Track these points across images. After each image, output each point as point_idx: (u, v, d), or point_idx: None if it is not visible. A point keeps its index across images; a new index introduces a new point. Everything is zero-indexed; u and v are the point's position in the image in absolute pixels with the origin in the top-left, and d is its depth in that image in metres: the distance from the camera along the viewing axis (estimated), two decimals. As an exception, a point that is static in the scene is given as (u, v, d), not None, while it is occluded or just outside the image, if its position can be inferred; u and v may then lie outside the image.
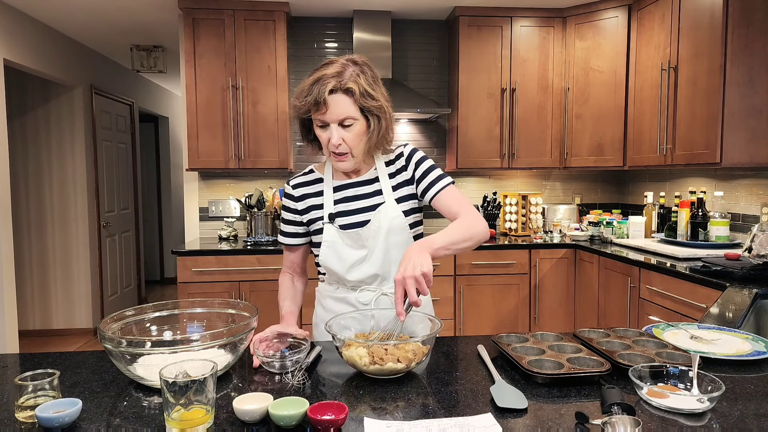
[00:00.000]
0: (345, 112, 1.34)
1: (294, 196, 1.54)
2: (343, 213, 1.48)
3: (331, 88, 1.32)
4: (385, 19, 3.77)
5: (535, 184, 4.26)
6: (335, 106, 1.33)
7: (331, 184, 1.51)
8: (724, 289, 2.08)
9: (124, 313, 1.26)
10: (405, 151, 1.51)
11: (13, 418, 0.97)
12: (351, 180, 1.50)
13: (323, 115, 1.34)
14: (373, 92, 1.36)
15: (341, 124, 1.35)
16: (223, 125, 3.56)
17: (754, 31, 2.67)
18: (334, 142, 1.36)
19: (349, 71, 1.34)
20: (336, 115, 1.34)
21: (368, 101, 1.35)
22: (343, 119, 1.35)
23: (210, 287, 3.30)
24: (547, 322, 3.58)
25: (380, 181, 1.49)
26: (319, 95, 1.32)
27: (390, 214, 1.45)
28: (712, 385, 0.99)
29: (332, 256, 1.47)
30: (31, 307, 4.81)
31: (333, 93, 1.32)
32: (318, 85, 1.33)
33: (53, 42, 4.20)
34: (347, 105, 1.34)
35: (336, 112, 1.33)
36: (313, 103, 1.33)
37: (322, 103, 1.32)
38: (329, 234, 1.47)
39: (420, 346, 1.17)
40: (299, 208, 1.53)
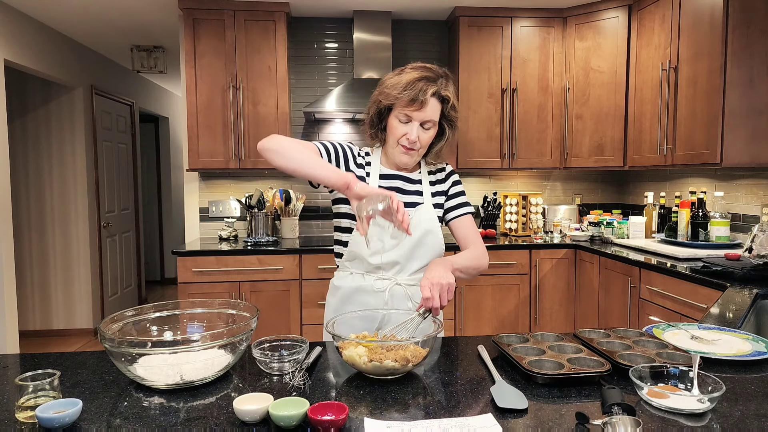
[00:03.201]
0: (432, 115, 1.46)
1: (356, 158, 1.58)
2: None
3: (434, 91, 1.44)
4: (385, 19, 3.77)
5: (536, 185, 4.26)
6: (429, 108, 1.45)
7: (378, 170, 1.58)
8: (724, 289, 2.08)
9: (125, 314, 1.26)
10: (447, 168, 1.67)
11: (13, 418, 0.97)
12: (398, 173, 1.59)
13: (416, 111, 1.44)
14: (457, 105, 1.53)
15: (422, 124, 1.47)
16: (224, 125, 3.56)
17: (755, 31, 2.67)
18: (412, 138, 1.46)
19: (444, 80, 1.47)
20: (426, 116, 1.45)
21: (453, 113, 1.51)
22: (427, 121, 1.46)
23: (210, 287, 3.30)
24: (548, 322, 3.58)
25: (423, 184, 1.60)
26: (422, 94, 1.42)
27: (428, 214, 1.55)
28: (712, 385, 0.99)
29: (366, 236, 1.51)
30: (32, 308, 4.81)
31: (432, 96, 1.44)
32: (422, 84, 1.42)
33: (53, 42, 4.20)
34: (437, 110, 1.47)
35: (427, 114, 1.45)
36: (411, 99, 1.42)
37: (419, 102, 1.42)
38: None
39: (419, 347, 1.17)
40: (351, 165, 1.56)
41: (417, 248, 1.53)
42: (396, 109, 1.47)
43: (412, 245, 1.52)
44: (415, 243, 1.53)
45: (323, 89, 3.99)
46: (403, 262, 1.54)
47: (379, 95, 1.50)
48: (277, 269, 3.34)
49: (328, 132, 4.02)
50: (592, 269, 3.35)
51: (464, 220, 1.62)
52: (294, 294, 3.36)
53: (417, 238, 1.53)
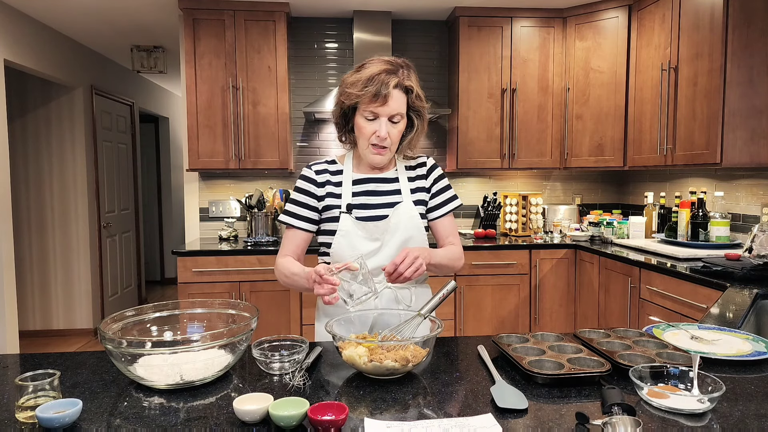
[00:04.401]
0: (398, 108, 1.42)
1: (316, 181, 1.54)
2: (361, 206, 1.51)
3: (396, 83, 1.39)
4: (385, 19, 3.77)
5: (536, 185, 4.26)
6: (393, 102, 1.40)
7: (350, 176, 1.54)
8: (724, 289, 2.08)
9: (125, 314, 1.26)
10: (428, 162, 1.61)
11: (13, 418, 0.97)
12: (372, 175, 1.55)
13: (380, 107, 1.40)
14: (422, 94, 1.46)
15: (390, 119, 1.42)
16: (224, 126, 3.56)
17: (755, 31, 2.67)
18: (382, 135, 1.41)
19: (404, 71, 1.43)
20: (391, 110, 1.41)
21: (418, 102, 1.45)
22: (394, 115, 1.42)
23: (210, 287, 3.30)
24: (548, 322, 3.58)
25: (400, 181, 1.55)
26: (384, 88, 1.38)
27: (409, 213, 1.51)
28: (712, 385, 0.99)
29: (345, 245, 1.48)
30: (32, 308, 4.81)
31: (395, 88, 1.40)
32: (383, 77, 1.39)
33: (54, 42, 4.20)
34: (402, 102, 1.42)
35: (393, 107, 1.40)
36: (373, 94, 1.38)
37: (382, 96, 1.38)
38: (345, 224, 1.48)
39: (419, 347, 1.17)
40: (318, 194, 1.53)
41: (401, 248, 1.48)
42: (360, 107, 1.43)
43: (398, 247, 1.49)
44: (400, 244, 1.49)
45: (323, 89, 3.99)
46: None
47: (340, 96, 1.46)
48: (277, 269, 3.33)
49: (328, 132, 4.02)
50: (592, 269, 3.35)
51: (447, 218, 1.60)
52: (294, 294, 3.36)
53: (401, 239, 1.49)
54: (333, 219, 1.52)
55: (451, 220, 1.61)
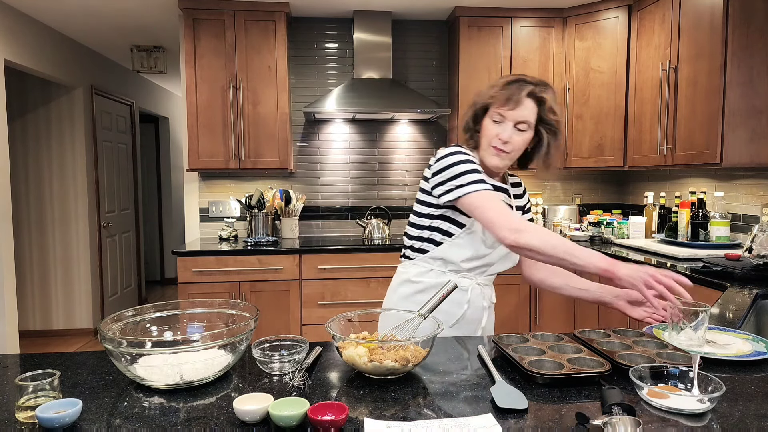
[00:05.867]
0: (527, 116, 1.45)
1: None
2: None
3: (530, 92, 1.45)
4: (385, 19, 3.77)
5: (536, 185, 4.25)
6: (523, 108, 1.45)
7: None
8: (724, 289, 2.08)
9: (125, 314, 1.26)
10: (523, 183, 1.72)
11: (13, 418, 0.97)
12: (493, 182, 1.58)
13: (510, 110, 1.44)
14: (557, 110, 1.50)
15: (516, 125, 1.46)
16: (224, 126, 3.56)
17: (755, 31, 2.67)
18: (504, 137, 1.45)
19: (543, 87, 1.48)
20: (519, 116, 1.45)
21: (551, 116, 1.48)
22: (521, 122, 1.46)
23: (210, 287, 3.30)
24: (548, 322, 3.58)
25: (510, 195, 1.63)
26: (517, 93, 1.44)
27: None
28: (712, 385, 0.99)
29: (464, 244, 1.52)
30: (32, 308, 4.81)
31: (528, 96, 1.45)
32: (519, 84, 1.45)
33: (53, 42, 4.21)
34: (532, 111, 1.46)
35: (521, 114, 1.45)
36: (506, 97, 1.44)
37: (514, 100, 1.44)
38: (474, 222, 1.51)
39: (419, 347, 1.17)
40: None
41: (508, 255, 1.59)
42: (491, 110, 1.49)
43: (501, 256, 1.58)
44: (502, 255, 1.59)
45: (323, 89, 3.99)
46: (494, 264, 1.59)
47: (475, 97, 1.54)
48: (277, 269, 3.34)
49: (328, 132, 4.02)
50: (592, 269, 3.34)
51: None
52: (294, 294, 3.36)
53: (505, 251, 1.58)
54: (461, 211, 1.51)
55: None
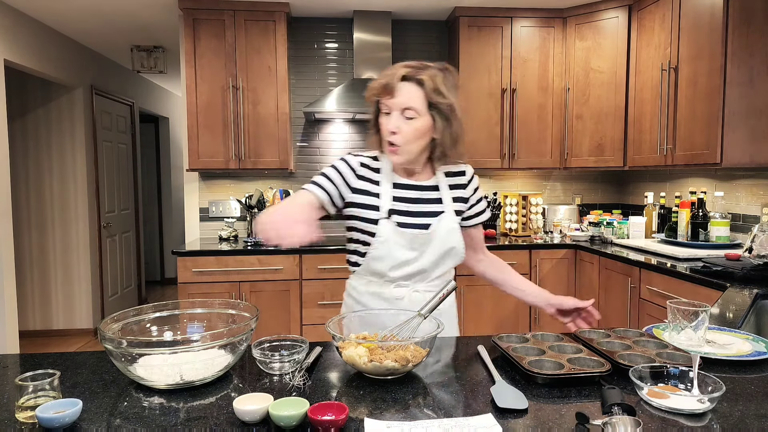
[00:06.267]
0: (409, 101, 1.35)
1: (356, 172, 1.48)
2: (402, 212, 1.46)
3: (404, 74, 1.35)
4: (386, 19, 3.77)
5: (536, 185, 4.26)
6: (401, 93, 1.35)
7: (390, 178, 1.48)
8: (724, 289, 2.08)
9: (125, 314, 1.26)
10: (468, 172, 1.57)
11: (13, 418, 0.97)
12: (413, 182, 1.49)
13: (389, 99, 1.36)
14: (446, 91, 1.36)
15: (403, 113, 1.36)
16: (224, 126, 3.56)
17: (755, 31, 2.67)
18: (390, 128, 1.36)
19: (429, 68, 1.37)
20: (400, 102, 1.35)
21: (438, 97, 1.35)
22: (405, 108, 1.35)
23: (210, 287, 3.30)
24: (548, 322, 3.58)
25: (441, 189, 1.51)
26: (391, 78, 1.35)
27: (449, 224, 1.48)
28: (712, 385, 0.99)
29: (383, 253, 1.45)
30: (32, 308, 4.81)
31: (405, 80, 1.35)
32: (393, 70, 1.37)
33: (53, 42, 4.20)
34: (414, 95, 1.35)
35: (401, 100, 1.35)
36: (383, 86, 1.35)
37: (390, 88, 1.35)
38: (385, 230, 1.44)
39: (419, 347, 1.17)
40: (352, 185, 1.47)
41: (442, 259, 1.50)
42: (379, 105, 1.40)
43: (437, 257, 1.48)
44: (439, 255, 1.49)
45: (323, 89, 3.99)
46: (429, 270, 1.50)
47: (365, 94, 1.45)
48: (277, 269, 3.34)
49: (328, 132, 4.02)
50: (592, 269, 3.35)
51: (480, 228, 1.64)
52: (294, 294, 3.36)
53: (441, 251, 1.48)
54: (367, 220, 1.46)
55: (481, 228, 1.65)
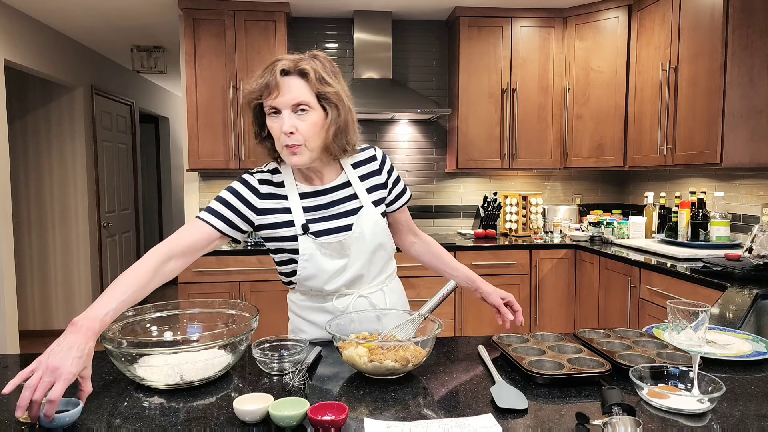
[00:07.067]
0: (299, 96, 1.23)
1: (258, 191, 1.35)
2: (318, 220, 1.36)
3: (284, 68, 1.23)
4: (386, 19, 3.77)
5: (536, 185, 4.25)
6: (288, 89, 1.23)
7: (296, 190, 1.36)
8: (724, 289, 2.08)
9: (125, 314, 1.26)
10: (378, 154, 1.45)
11: (13, 418, 0.97)
12: (320, 187, 1.38)
13: (275, 98, 1.23)
14: (330, 79, 1.27)
15: (295, 110, 1.24)
16: (224, 126, 3.56)
17: (755, 31, 2.67)
18: (286, 129, 1.23)
19: (305, 59, 1.27)
20: (289, 99, 1.23)
21: (324, 86, 1.25)
22: (296, 104, 1.23)
23: (210, 288, 3.30)
24: (548, 322, 3.58)
25: (353, 185, 1.40)
26: (272, 76, 1.22)
27: (372, 218, 1.39)
28: (712, 385, 0.99)
29: (312, 269, 1.36)
30: (32, 308, 4.81)
31: (286, 75, 1.24)
32: (272, 66, 1.25)
33: (54, 42, 4.20)
34: (302, 89, 1.24)
35: (289, 96, 1.23)
36: (265, 86, 1.23)
37: (273, 86, 1.22)
38: (306, 246, 1.34)
39: (419, 347, 1.17)
40: (258, 206, 1.35)
41: (371, 256, 1.40)
42: (264, 107, 1.27)
43: (367, 257, 1.40)
44: (369, 254, 1.40)
45: (323, 89, 3.99)
46: (365, 273, 1.41)
47: (243, 99, 1.32)
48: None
49: (328, 132, 4.02)
50: (592, 269, 3.35)
51: (405, 210, 1.54)
52: (294, 294, 3.36)
53: (370, 248, 1.39)
54: (284, 238, 1.36)
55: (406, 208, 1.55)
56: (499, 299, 1.49)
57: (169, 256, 1.22)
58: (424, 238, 1.58)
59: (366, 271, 1.41)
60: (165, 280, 1.21)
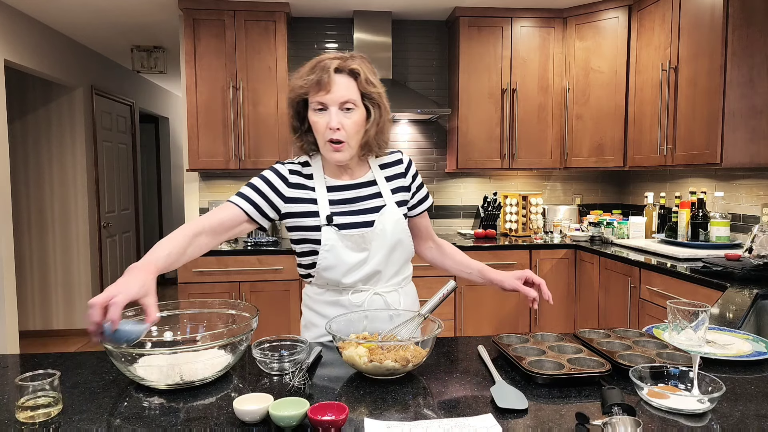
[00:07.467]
0: (347, 94, 1.30)
1: (288, 180, 1.41)
2: (342, 214, 1.41)
3: (337, 67, 1.30)
4: (386, 19, 3.77)
5: (536, 185, 4.25)
6: (338, 87, 1.30)
7: (324, 182, 1.42)
8: (724, 289, 2.08)
9: (125, 314, 1.26)
10: (404, 158, 1.52)
11: (13, 418, 0.97)
12: (347, 182, 1.43)
13: (325, 95, 1.29)
14: (374, 80, 1.35)
15: (342, 108, 1.31)
16: (224, 126, 3.56)
17: (755, 31, 2.67)
18: (333, 125, 1.29)
19: (356, 58, 1.34)
20: (339, 97, 1.29)
21: (370, 87, 1.33)
22: (344, 102, 1.30)
23: (210, 288, 3.30)
24: (548, 322, 3.58)
25: (378, 184, 1.45)
26: (324, 73, 1.28)
27: (394, 216, 1.43)
28: (712, 385, 0.99)
29: (332, 259, 1.39)
30: (32, 308, 4.81)
31: (338, 73, 1.30)
32: (323, 63, 1.30)
33: (54, 42, 4.20)
34: (351, 87, 1.31)
35: (339, 93, 1.29)
36: (316, 82, 1.28)
37: (325, 82, 1.28)
38: (328, 236, 1.38)
39: (419, 347, 1.17)
40: (286, 195, 1.41)
41: (391, 254, 1.44)
42: (309, 101, 1.33)
43: (386, 253, 1.42)
44: (388, 250, 1.43)
45: (323, 89, 3.99)
46: (382, 269, 1.44)
47: (289, 93, 1.38)
48: (277, 269, 3.34)
49: (328, 132, 4.02)
50: (592, 269, 3.35)
51: (426, 216, 1.59)
52: (294, 294, 3.36)
53: (389, 245, 1.42)
54: (308, 228, 1.40)
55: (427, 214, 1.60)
56: (515, 281, 1.44)
57: (200, 231, 1.29)
58: (439, 242, 1.62)
59: (383, 268, 1.44)
60: (197, 253, 1.29)
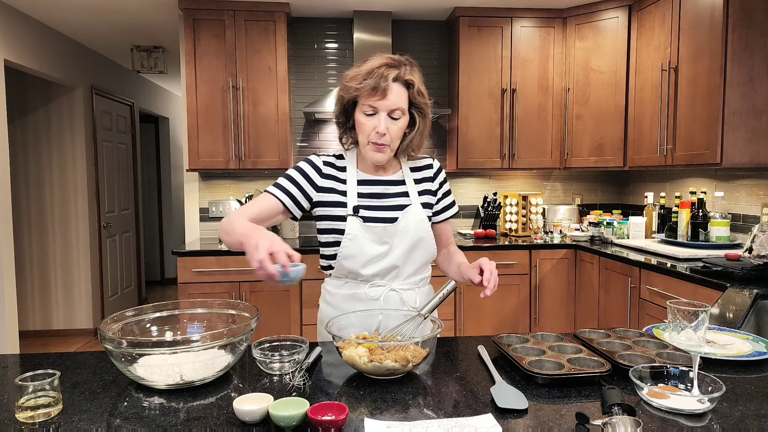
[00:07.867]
0: (398, 102, 1.37)
1: (321, 171, 1.49)
2: (368, 207, 1.47)
3: (395, 76, 1.36)
4: (386, 19, 3.77)
5: (536, 185, 4.25)
6: (393, 95, 1.36)
7: (355, 176, 1.49)
8: (724, 289, 2.08)
9: (125, 314, 1.26)
10: (435, 164, 1.59)
11: (13, 418, 0.97)
12: (378, 177, 1.50)
13: (379, 101, 1.36)
14: (424, 91, 1.42)
15: (390, 114, 1.38)
16: (224, 126, 3.56)
17: (755, 31, 2.67)
18: (381, 130, 1.37)
19: (412, 67, 1.40)
20: (391, 104, 1.36)
21: (420, 98, 1.40)
22: (394, 110, 1.37)
23: (210, 288, 3.30)
24: (548, 322, 3.58)
25: (407, 184, 1.52)
26: (383, 80, 1.34)
27: (418, 216, 1.48)
28: (712, 385, 0.99)
29: (354, 249, 1.44)
30: (32, 308, 4.81)
31: (395, 81, 1.36)
32: (383, 70, 1.35)
33: (54, 42, 4.20)
34: (403, 97, 1.38)
35: (392, 101, 1.36)
36: (372, 87, 1.34)
37: (381, 89, 1.34)
38: (353, 226, 1.44)
39: (419, 347, 1.17)
40: (318, 184, 1.48)
41: (412, 252, 1.48)
42: (360, 102, 1.39)
43: (406, 250, 1.47)
44: (409, 247, 1.47)
45: (323, 89, 3.99)
46: (401, 266, 1.48)
47: (340, 90, 1.43)
48: (277, 269, 3.33)
49: (328, 132, 4.02)
50: (592, 269, 3.35)
51: (448, 223, 1.63)
52: (294, 294, 3.36)
53: (410, 242, 1.47)
54: (335, 218, 1.46)
55: (450, 222, 1.65)
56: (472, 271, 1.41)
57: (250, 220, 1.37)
58: (452, 250, 1.64)
59: (402, 264, 1.48)
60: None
